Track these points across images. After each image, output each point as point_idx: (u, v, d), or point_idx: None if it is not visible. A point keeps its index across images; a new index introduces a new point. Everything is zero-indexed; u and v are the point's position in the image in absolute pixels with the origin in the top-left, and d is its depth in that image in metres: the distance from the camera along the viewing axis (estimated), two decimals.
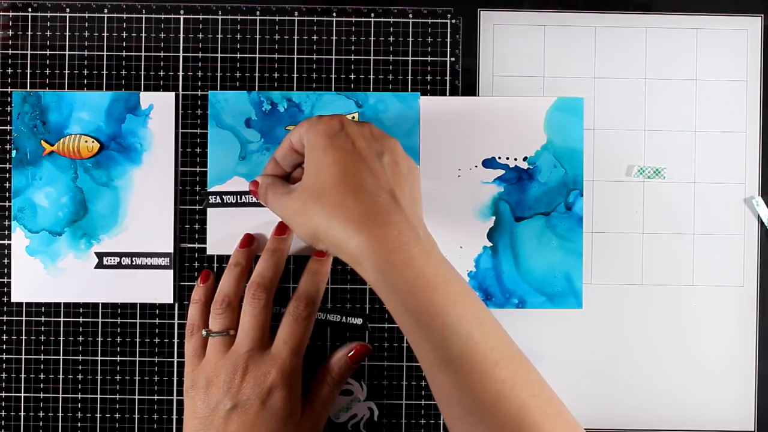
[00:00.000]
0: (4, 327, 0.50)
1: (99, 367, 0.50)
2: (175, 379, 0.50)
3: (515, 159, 0.50)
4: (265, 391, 0.42)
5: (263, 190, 0.45)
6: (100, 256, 0.49)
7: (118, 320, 0.50)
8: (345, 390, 0.49)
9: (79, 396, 0.50)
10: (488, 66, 0.50)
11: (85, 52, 0.50)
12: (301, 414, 0.44)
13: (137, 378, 0.49)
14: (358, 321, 0.49)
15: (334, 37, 0.50)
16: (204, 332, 0.45)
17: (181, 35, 0.50)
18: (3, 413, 0.50)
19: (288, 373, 0.43)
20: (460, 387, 0.35)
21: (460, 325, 0.36)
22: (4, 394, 0.50)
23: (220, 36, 0.50)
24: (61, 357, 0.50)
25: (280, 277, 0.47)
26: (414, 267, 0.37)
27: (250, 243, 0.48)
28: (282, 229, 0.47)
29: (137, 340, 0.50)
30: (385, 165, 0.40)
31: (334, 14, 0.50)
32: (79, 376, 0.50)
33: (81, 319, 0.50)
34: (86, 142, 0.49)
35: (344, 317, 0.49)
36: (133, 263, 0.49)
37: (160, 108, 0.50)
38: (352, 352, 0.47)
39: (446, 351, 0.36)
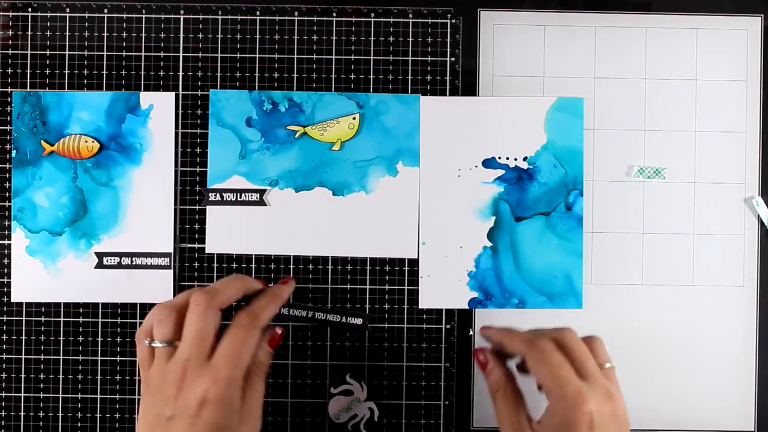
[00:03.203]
0: (4, 327, 0.50)
1: (99, 367, 0.50)
2: None
3: (515, 159, 0.50)
4: (198, 403, 0.40)
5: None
6: (100, 256, 0.49)
7: (118, 320, 0.50)
8: (345, 390, 0.49)
9: (79, 396, 0.50)
10: (488, 66, 0.50)
11: (85, 52, 0.50)
12: (240, 421, 0.41)
13: (137, 378, 0.49)
14: (358, 321, 0.49)
15: (334, 37, 0.50)
16: (146, 341, 0.42)
17: (181, 35, 0.50)
18: (3, 413, 0.50)
19: (223, 385, 0.40)
20: None
21: None
22: (4, 394, 0.50)
23: (220, 36, 0.50)
24: (61, 357, 0.50)
25: (234, 300, 0.43)
26: None
27: None
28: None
29: None
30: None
31: (334, 14, 0.50)
32: (79, 376, 0.50)
33: (81, 319, 0.50)
34: (86, 142, 0.49)
35: (344, 317, 0.49)
36: (133, 263, 0.49)
37: (160, 108, 0.50)
38: (269, 339, 0.44)
39: None
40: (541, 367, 0.39)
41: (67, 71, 0.50)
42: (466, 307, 0.50)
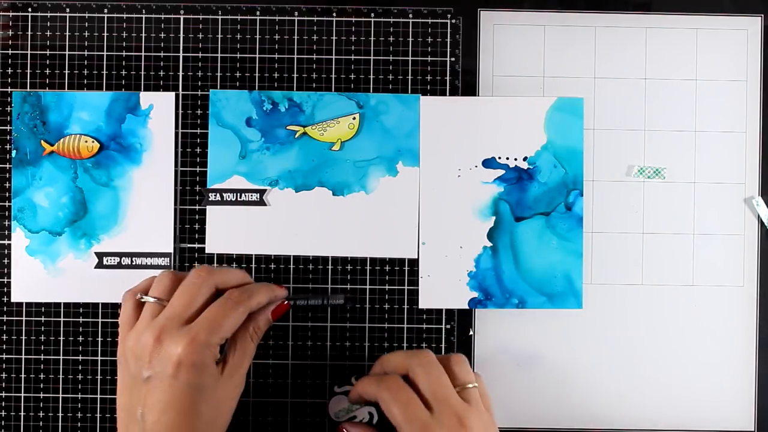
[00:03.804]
0: (4, 327, 0.50)
1: (99, 367, 0.50)
2: None
3: (515, 159, 0.50)
4: (174, 365, 0.39)
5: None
6: (100, 256, 0.49)
7: (118, 320, 0.49)
8: (346, 391, 0.49)
9: (79, 396, 0.50)
10: (488, 66, 0.50)
11: (85, 52, 0.50)
12: (218, 383, 0.41)
13: None
14: (340, 300, 0.49)
15: (334, 37, 0.50)
16: (138, 295, 0.43)
17: (181, 35, 0.50)
18: (3, 413, 0.50)
19: (198, 348, 0.39)
20: None
21: None
22: (4, 394, 0.50)
23: (220, 36, 0.50)
24: (61, 357, 0.50)
25: (261, 305, 0.44)
26: None
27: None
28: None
29: None
30: None
31: (334, 14, 0.50)
32: (79, 376, 0.50)
33: (81, 319, 0.50)
34: (86, 142, 0.49)
35: (324, 299, 0.49)
36: (133, 263, 0.49)
37: (160, 108, 0.50)
38: (274, 309, 0.45)
39: None
40: (390, 407, 0.40)
41: (67, 71, 0.50)
42: (466, 307, 0.49)
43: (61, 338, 0.50)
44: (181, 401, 0.39)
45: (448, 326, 0.50)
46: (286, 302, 0.45)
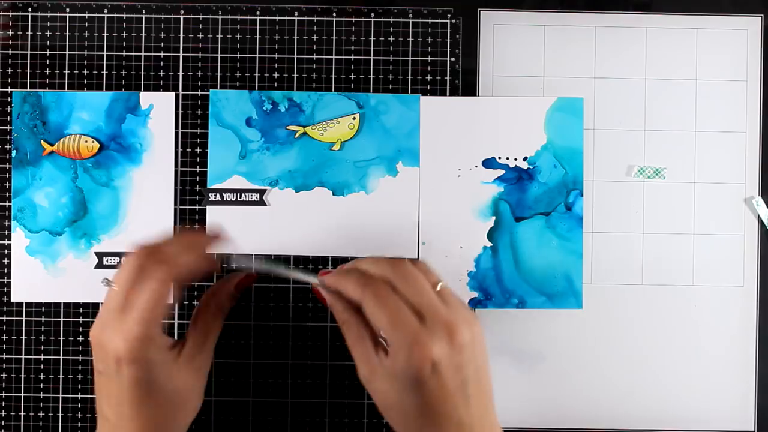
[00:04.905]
0: (4, 327, 0.50)
1: None
2: None
3: (515, 159, 0.50)
4: (114, 362, 0.37)
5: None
6: (100, 256, 0.49)
7: None
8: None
9: (79, 396, 0.50)
10: (488, 66, 0.50)
11: (85, 52, 0.50)
12: (174, 370, 0.39)
13: None
14: (313, 280, 0.47)
15: (334, 37, 0.50)
16: (103, 279, 0.40)
17: (181, 35, 0.50)
18: (3, 413, 0.50)
19: (135, 345, 0.37)
20: None
21: None
22: (4, 394, 0.50)
23: (220, 36, 0.50)
24: (61, 357, 0.50)
25: (193, 275, 0.40)
26: None
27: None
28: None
29: None
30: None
31: (334, 14, 0.50)
32: (79, 376, 0.50)
33: (81, 319, 0.50)
34: (86, 142, 0.49)
35: (291, 270, 0.47)
36: None
37: (160, 108, 0.50)
38: (237, 281, 0.43)
39: None
40: (377, 314, 0.36)
41: (67, 71, 0.50)
42: None
43: (61, 338, 0.50)
44: (131, 395, 0.38)
45: None
46: (254, 272, 0.43)
